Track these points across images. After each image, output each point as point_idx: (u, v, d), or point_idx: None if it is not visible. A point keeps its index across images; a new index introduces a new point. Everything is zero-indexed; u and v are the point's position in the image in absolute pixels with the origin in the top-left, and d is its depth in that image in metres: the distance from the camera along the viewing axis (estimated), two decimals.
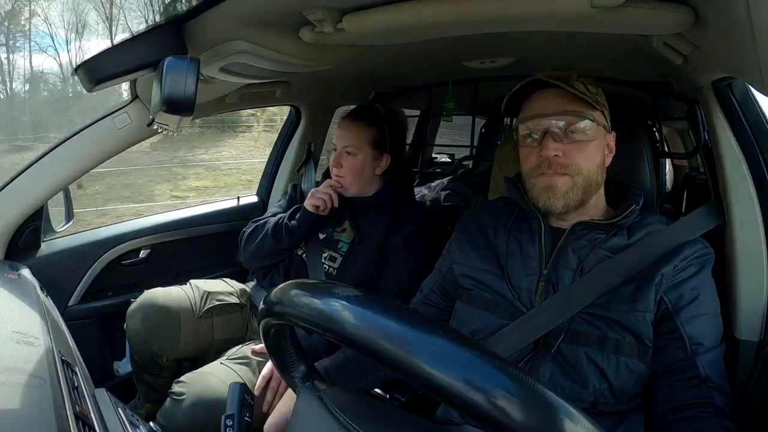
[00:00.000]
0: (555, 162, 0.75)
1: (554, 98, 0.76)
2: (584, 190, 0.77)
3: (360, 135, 1.17)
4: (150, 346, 1.13)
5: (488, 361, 0.33)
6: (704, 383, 0.67)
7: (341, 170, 1.18)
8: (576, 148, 0.76)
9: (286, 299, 0.46)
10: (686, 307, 0.71)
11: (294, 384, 0.58)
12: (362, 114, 1.20)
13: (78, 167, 1.11)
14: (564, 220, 0.80)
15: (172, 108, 0.74)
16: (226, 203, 1.73)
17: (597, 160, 0.78)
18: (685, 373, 0.68)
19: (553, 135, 0.75)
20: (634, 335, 0.71)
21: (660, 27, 0.68)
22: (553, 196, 0.76)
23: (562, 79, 0.75)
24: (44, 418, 0.50)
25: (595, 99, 0.76)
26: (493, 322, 0.79)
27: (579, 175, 0.76)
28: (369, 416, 0.51)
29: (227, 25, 0.78)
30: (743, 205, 0.80)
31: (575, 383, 0.71)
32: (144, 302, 1.16)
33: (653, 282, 0.71)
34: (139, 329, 1.13)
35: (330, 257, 1.19)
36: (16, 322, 0.73)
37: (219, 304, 1.24)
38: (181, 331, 1.16)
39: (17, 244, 1.15)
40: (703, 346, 0.69)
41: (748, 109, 0.82)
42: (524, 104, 0.81)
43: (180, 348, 1.16)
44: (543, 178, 0.76)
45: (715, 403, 0.66)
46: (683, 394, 0.67)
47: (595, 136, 0.77)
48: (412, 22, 0.72)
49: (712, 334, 0.71)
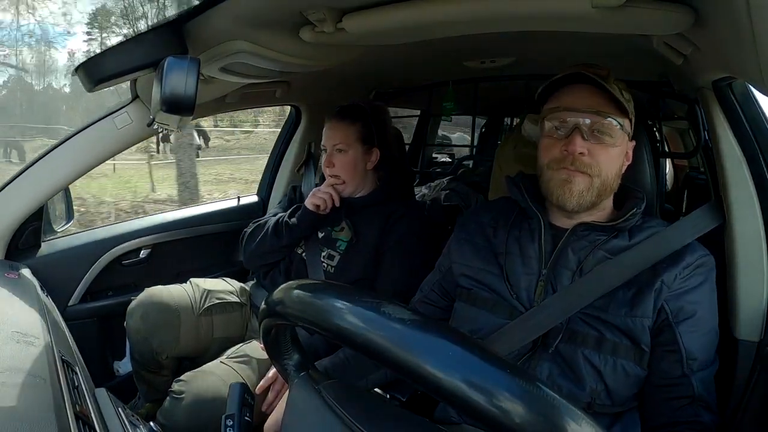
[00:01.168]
0: (579, 159, 0.74)
1: (589, 95, 0.75)
2: (599, 193, 0.76)
3: (348, 132, 1.19)
4: (150, 343, 1.13)
5: (489, 361, 0.33)
6: (695, 401, 0.68)
7: (334, 169, 1.19)
8: (601, 149, 0.75)
9: (287, 299, 0.46)
10: (687, 320, 0.71)
11: (287, 373, 0.57)
12: (347, 112, 1.22)
13: (78, 167, 1.11)
14: (569, 219, 0.80)
15: (172, 108, 0.74)
16: (226, 203, 1.73)
17: (617, 165, 0.77)
18: (679, 391, 0.69)
19: (582, 132, 0.74)
20: (631, 339, 0.71)
21: (660, 27, 0.67)
22: (569, 191, 0.75)
23: (602, 78, 0.74)
24: (44, 418, 0.50)
25: (628, 106, 0.75)
26: (492, 322, 0.79)
27: (598, 177, 0.75)
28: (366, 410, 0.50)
29: (227, 25, 0.78)
30: (743, 205, 0.80)
31: (572, 383, 0.71)
32: (144, 300, 1.16)
33: (653, 288, 0.71)
34: (139, 327, 1.13)
35: (328, 255, 1.19)
36: (17, 322, 0.74)
37: (219, 303, 1.24)
38: (181, 329, 1.16)
39: (17, 244, 1.15)
40: (698, 362, 0.70)
41: (748, 109, 0.82)
42: (554, 95, 0.79)
43: (180, 346, 1.16)
44: (563, 172, 0.75)
45: (703, 421, 0.67)
46: (674, 412, 0.69)
47: (620, 141, 0.76)
48: (412, 22, 0.72)
49: (709, 350, 0.72)
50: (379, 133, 1.23)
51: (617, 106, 0.74)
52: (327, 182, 1.21)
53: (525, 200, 0.82)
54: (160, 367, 1.18)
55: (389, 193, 1.23)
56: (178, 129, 0.89)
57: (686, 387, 0.69)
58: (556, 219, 0.82)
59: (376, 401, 0.56)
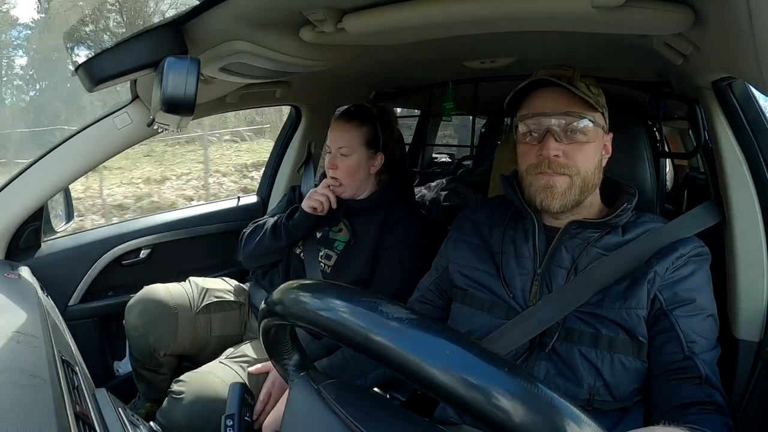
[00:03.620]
0: (555, 162, 0.75)
1: (556, 97, 0.76)
2: (581, 190, 0.77)
3: (354, 135, 1.18)
4: (147, 339, 1.14)
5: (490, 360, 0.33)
6: (705, 382, 0.67)
7: (337, 171, 1.18)
8: (576, 148, 0.75)
9: (286, 299, 0.46)
10: (681, 306, 0.70)
11: (287, 373, 0.57)
12: (355, 114, 1.20)
13: (78, 167, 1.11)
14: (558, 219, 0.80)
15: (172, 108, 0.74)
16: (226, 203, 1.73)
17: (595, 161, 0.78)
18: (686, 373, 0.68)
19: (554, 134, 0.75)
20: (626, 332, 0.71)
21: (660, 27, 0.67)
22: (551, 195, 0.76)
23: (565, 79, 0.75)
24: (44, 418, 0.50)
25: (596, 100, 0.76)
26: (489, 322, 0.79)
27: (577, 175, 0.76)
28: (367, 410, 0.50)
29: (228, 25, 0.78)
30: (743, 204, 0.80)
31: (570, 381, 0.71)
32: (142, 297, 1.17)
33: (645, 278, 0.71)
34: (137, 323, 1.14)
35: (326, 255, 1.19)
36: (16, 322, 0.73)
37: (217, 301, 1.24)
38: (179, 326, 1.16)
39: (17, 244, 1.15)
40: (699, 345, 0.69)
41: (748, 109, 0.82)
42: (525, 101, 0.81)
43: (177, 343, 1.16)
44: (542, 177, 0.76)
45: (717, 401, 0.66)
46: (684, 392, 0.67)
47: (594, 137, 0.77)
48: (412, 22, 0.72)
49: (708, 334, 0.71)
50: (385, 137, 1.22)
51: (586, 103, 0.75)
52: (324, 182, 1.20)
53: (519, 200, 0.83)
54: (159, 365, 1.18)
55: (389, 195, 1.22)
56: (178, 129, 0.89)
57: (692, 368, 0.68)
58: (547, 219, 0.82)
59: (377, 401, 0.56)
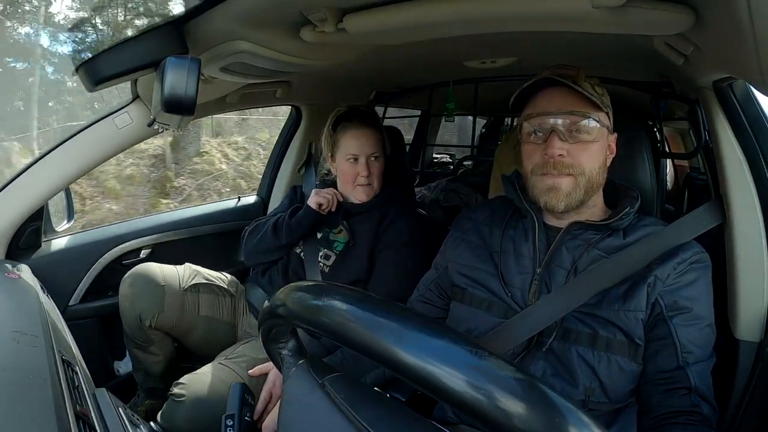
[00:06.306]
0: (560, 162, 0.75)
1: (561, 97, 0.76)
2: (586, 190, 0.77)
3: (379, 138, 1.21)
4: (135, 309, 1.17)
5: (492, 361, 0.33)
6: (693, 392, 0.68)
7: (372, 177, 1.20)
8: (580, 148, 0.75)
9: (289, 300, 0.46)
10: (681, 314, 0.71)
11: (280, 360, 0.55)
12: (370, 119, 1.23)
13: (78, 167, 1.11)
14: (560, 219, 0.80)
15: (173, 108, 0.74)
16: (226, 203, 1.73)
17: (600, 160, 0.78)
18: (676, 383, 0.69)
19: (559, 134, 0.75)
20: (624, 334, 0.71)
21: (661, 27, 0.67)
22: (556, 197, 0.76)
23: (570, 78, 0.75)
24: (45, 418, 0.50)
25: (601, 100, 0.76)
26: (488, 321, 0.79)
27: (582, 175, 0.75)
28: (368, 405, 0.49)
29: (228, 25, 0.78)
30: (744, 205, 0.80)
31: (565, 382, 0.71)
32: (135, 270, 1.22)
33: (646, 282, 0.71)
34: (128, 293, 1.19)
35: (325, 255, 1.20)
36: (17, 322, 0.73)
37: (206, 283, 1.29)
38: (166, 299, 1.19)
39: (18, 244, 1.15)
40: (694, 355, 0.69)
41: (748, 109, 0.82)
42: (530, 101, 0.80)
43: (164, 316, 1.19)
44: (546, 179, 0.76)
45: (702, 412, 0.67)
46: (673, 402, 0.68)
47: (599, 137, 0.76)
48: (412, 22, 0.72)
49: (705, 344, 0.71)
50: (386, 140, 1.25)
51: (591, 102, 0.75)
52: (329, 189, 1.22)
53: (519, 199, 0.82)
54: (148, 340, 1.21)
55: (388, 196, 1.23)
56: (178, 129, 0.89)
57: (683, 378, 0.68)
58: (549, 219, 0.82)
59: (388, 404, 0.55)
